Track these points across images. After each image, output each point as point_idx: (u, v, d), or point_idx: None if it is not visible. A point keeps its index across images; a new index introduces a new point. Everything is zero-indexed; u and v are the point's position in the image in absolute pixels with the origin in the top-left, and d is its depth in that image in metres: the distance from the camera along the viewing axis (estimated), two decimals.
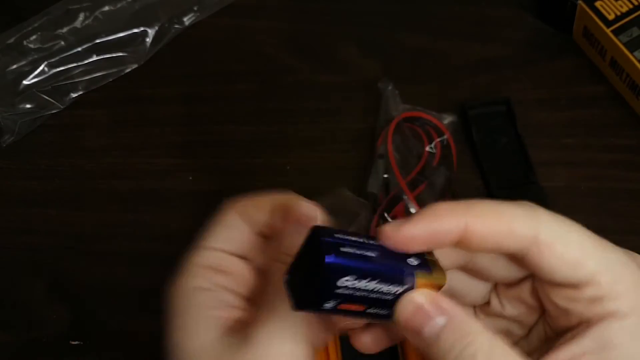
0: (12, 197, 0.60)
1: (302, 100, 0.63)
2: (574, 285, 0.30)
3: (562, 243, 0.30)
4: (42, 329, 0.54)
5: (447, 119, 0.59)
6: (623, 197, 0.56)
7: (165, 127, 0.63)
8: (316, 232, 0.28)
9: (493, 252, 0.31)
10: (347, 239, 0.28)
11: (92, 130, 0.63)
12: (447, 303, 0.29)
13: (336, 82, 0.64)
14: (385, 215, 0.54)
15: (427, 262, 0.30)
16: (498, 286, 0.35)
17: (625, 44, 0.58)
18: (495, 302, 0.35)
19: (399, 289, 0.29)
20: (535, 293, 0.33)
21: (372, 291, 0.28)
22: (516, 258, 0.31)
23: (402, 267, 0.29)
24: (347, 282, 0.27)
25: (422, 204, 0.55)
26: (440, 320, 0.29)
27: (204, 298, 0.34)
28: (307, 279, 0.28)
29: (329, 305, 0.28)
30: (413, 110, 0.59)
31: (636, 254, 0.32)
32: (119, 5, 0.67)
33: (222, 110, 0.63)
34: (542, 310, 0.33)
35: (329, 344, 0.47)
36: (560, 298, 0.31)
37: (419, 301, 0.29)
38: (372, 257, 0.29)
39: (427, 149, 0.58)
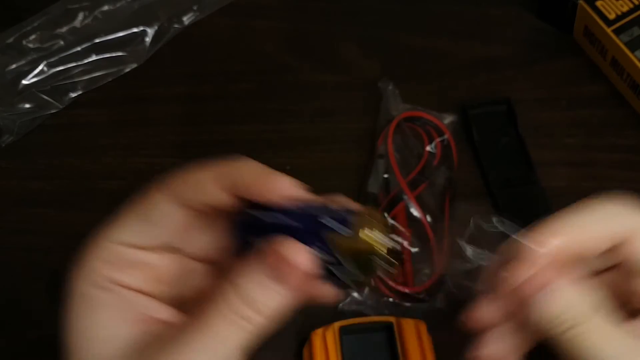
0: (11, 197, 0.60)
1: (302, 100, 0.63)
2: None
3: None
4: (42, 329, 0.54)
5: (448, 119, 0.59)
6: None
7: (165, 127, 0.62)
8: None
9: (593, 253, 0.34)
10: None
11: (91, 130, 0.63)
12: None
13: (336, 82, 0.64)
14: (385, 215, 0.54)
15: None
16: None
17: (626, 44, 0.58)
18: None
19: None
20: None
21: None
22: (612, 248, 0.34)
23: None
24: None
25: (422, 204, 0.54)
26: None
27: (103, 300, 0.31)
28: None
29: None
30: (413, 110, 0.59)
31: None
32: (118, 5, 0.67)
33: (222, 110, 0.63)
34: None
35: (329, 342, 0.47)
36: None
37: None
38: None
39: (428, 148, 0.57)
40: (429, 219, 0.54)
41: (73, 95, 0.64)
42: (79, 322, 0.31)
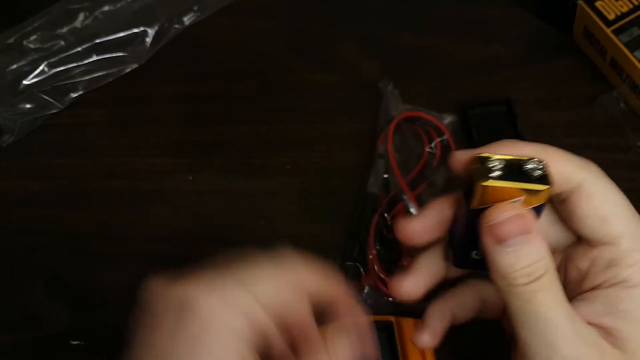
0: (11, 197, 0.60)
1: (302, 100, 0.63)
2: (596, 242, 0.33)
3: (600, 197, 0.33)
4: (42, 329, 0.55)
5: (447, 119, 0.59)
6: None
7: (165, 127, 0.63)
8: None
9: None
10: None
11: (92, 130, 0.63)
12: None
13: (336, 82, 0.64)
14: (385, 215, 0.54)
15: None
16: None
17: (625, 44, 0.58)
18: None
19: None
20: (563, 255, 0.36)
21: None
22: (561, 200, 0.34)
23: None
24: None
25: (422, 204, 0.55)
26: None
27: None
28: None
29: None
30: (413, 110, 0.59)
31: None
32: (118, 5, 0.67)
33: (222, 110, 0.63)
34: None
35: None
36: (583, 260, 0.34)
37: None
38: None
39: (427, 149, 0.58)
40: None
41: (74, 95, 0.65)
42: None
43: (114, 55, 0.65)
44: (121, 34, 0.66)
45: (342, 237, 0.55)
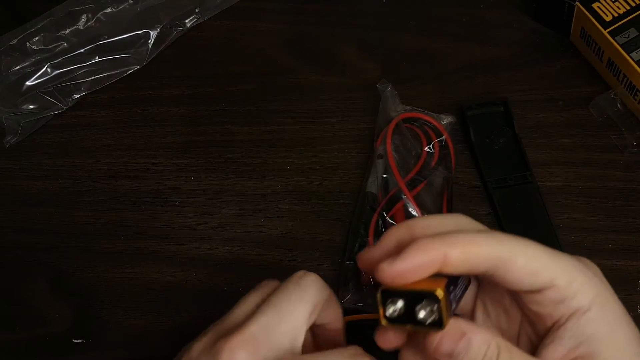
0: (15, 197, 0.61)
1: (302, 101, 0.63)
2: (538, 291, 0.35)
3: (522, 258, 0.35)
4: (45, 327, 0.55)
5: (446, 120, 0.59)
6: (619, 197, 0.56)
7: (167, 128, 0.63)
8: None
9: (469, 273, 0.35)
10: None
11: (94, 131, 0.64)
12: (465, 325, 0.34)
13: (336, 83, 0.64)
14: (384, 214, 0.55)
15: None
16: (483, 300, 0.39)
17: (622, 45, 0.58)
18: (479, 314, 0.39)
19: None
20: (514, 304, 0.38)
21: None
22: (489, 275, 0.35)
23: None
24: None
25: (420, 203, 0.55)
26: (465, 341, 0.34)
27: None
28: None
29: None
30: (412, 111, 0.60)
31: (584, 258, 0.37)
32: (121, 7, 0.67)
33: (223, 110, 0.64)
34: (521, 318, 0.38)
35: None
36: (532, 304, 0.36)
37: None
38: None
39: (426, 149, 0.58)
40: None
41: (76, 96, 0.65)
42: None
43: (117, 56, 0.66)
44: (123, 36, 0.66)
45: (342, 237, 0.56)
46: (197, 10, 0.68)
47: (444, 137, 0.58)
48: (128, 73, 0.66)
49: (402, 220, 0.54)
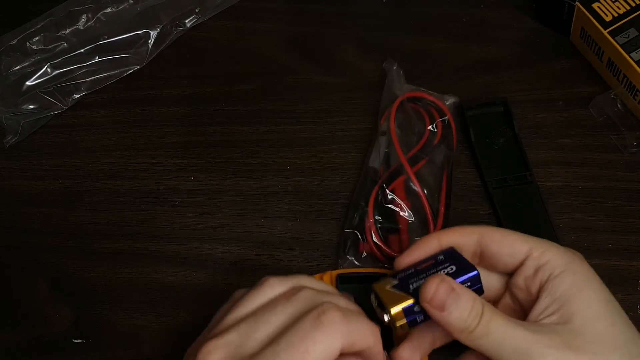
0: (15, 197, 0.61)
1: (302, 101, 0.63)
2: (519, 264, 0.43)
3: (500, 233, 0.44)
4: (45, 327, 0.55)
5: (449, 100, 0.60)
6: (619, 197, 0.56)
7: (167, 128, 0.63)
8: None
9: (466, 247, 0.44)
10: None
11: (94, 131, 0.64)
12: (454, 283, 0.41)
13: (336, 83, 0.64)
14: (384, 186, 0.55)
15: None
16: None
17: (622, 45, 0.58)
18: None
19: None
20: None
21: None
22: (479, 255, 0.44)
23: None
24: None
25: (421, 179, 0.56)
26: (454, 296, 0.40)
27: None
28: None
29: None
30: (416, 90, 0.60)
31: (568, 247, 0.43)
32: (121, 7, 0.67)
33: (223, 111, 0.64)
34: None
35: None
36: (519, 279, 0.43)
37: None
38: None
39: (429, 128, 0.58)
40: (426, 192, 0.55)
41: (76, 96, 0.65)
42: None
43: (117, 56, 0.66)
44: (123, 36, 0.66)
45: (342, 237, 0.56)
46: (197, 10, 0.68)
47: (446, 117, 0.59)
48: (128, 73, 0.66)
49: (402, 194, 0.56)
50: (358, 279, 0.52)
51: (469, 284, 0.41)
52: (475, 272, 0.41)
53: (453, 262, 0.43)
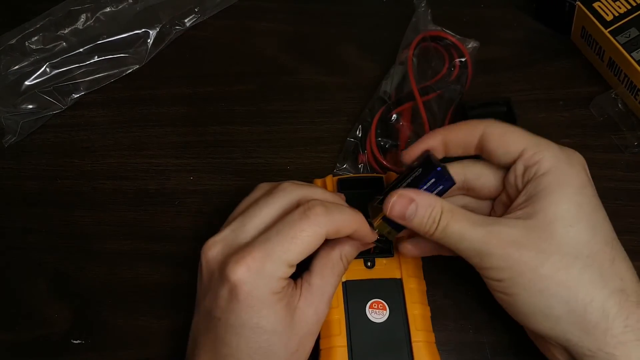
0: (14, 197, 0.61)
1: (302, 101, 0.63)
2: (512, 162, 0.44)
3: (500, 129, 0.45)
4: (45, 328, 0.55)
5: (470, 44, 0.62)
6: (620, 197, 0.56)
7: (166, 127, 0.63)
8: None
9: (470, 143, 0.47)
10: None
11: (93, 131, 0.63)
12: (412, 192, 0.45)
13: (335, 83, 0.64)
14: (391, 108, 0.58)
15: None
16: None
17: (623, 45, 0.58)
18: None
19: None
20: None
21: None
22: (481, 150, 0.46)
23: None
24: None
25: (428, 110, 0.58)
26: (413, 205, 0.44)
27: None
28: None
29: None
30: (440, 31, 0.62)
31: (569, 149, 0.45)
32: (120, 7, 0.67)
33: (223, 110, 0.63)
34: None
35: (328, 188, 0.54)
36: (511, 177, 0.45)
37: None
38: None
39: (447, 66, 0.60)
40: (430, 121, 0.57)
41: (75, 96, 0.65)
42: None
43: (116, 56, 0.66)
44: (123, 35, 0.66)
45: (344, 144, 0.58)
46: (196, 10, 0.68)
47: (465, 58, 0.60)
48: (127, 73, 0.66)
49: (408, 118, 0.59)
50: (358, 183, 0.54)
51: (433, 181, 0.45)
52: (437, 169, 0.45)
53: (422, 164, 0.46)
